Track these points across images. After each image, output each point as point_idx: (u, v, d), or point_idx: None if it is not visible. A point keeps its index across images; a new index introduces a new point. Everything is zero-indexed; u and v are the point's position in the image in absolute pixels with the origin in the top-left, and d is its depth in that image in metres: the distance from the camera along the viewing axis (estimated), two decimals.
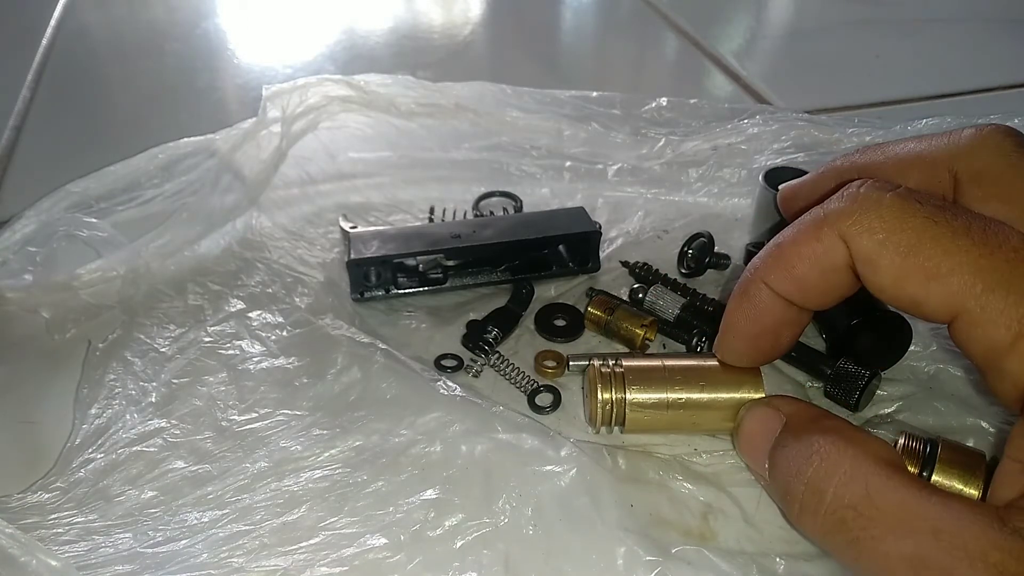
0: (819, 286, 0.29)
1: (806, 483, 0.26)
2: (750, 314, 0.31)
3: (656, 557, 0.30)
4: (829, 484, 0.25)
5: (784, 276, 0.29)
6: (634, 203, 0.51)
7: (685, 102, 0.58)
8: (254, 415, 0.37)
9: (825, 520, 0.25)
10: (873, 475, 0.25)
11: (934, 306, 0.25)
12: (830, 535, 0.25)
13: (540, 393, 0.38)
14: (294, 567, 0.30)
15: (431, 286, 0.44)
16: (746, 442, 0.32)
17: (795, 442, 0.28)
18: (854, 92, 0.66)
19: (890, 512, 0.24)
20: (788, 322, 0.31)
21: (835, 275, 0.28)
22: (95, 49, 0.78)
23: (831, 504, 0.25)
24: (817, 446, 0.26)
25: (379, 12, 0.85)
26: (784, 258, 0.29)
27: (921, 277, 0.25)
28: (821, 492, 0.25)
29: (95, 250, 0.46)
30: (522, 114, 0.56)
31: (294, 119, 0.53)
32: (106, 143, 0.59)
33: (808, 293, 0.29)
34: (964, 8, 0.82)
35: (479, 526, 0.31)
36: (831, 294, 0.29)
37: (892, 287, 0.26)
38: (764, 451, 0.30)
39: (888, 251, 0.26)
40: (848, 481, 0.25)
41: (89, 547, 0.31)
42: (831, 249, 0.27)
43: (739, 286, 0.31)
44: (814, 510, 0.26)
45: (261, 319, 0.42)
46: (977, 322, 0.24)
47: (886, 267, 0.26)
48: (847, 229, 0.27)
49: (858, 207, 0.26)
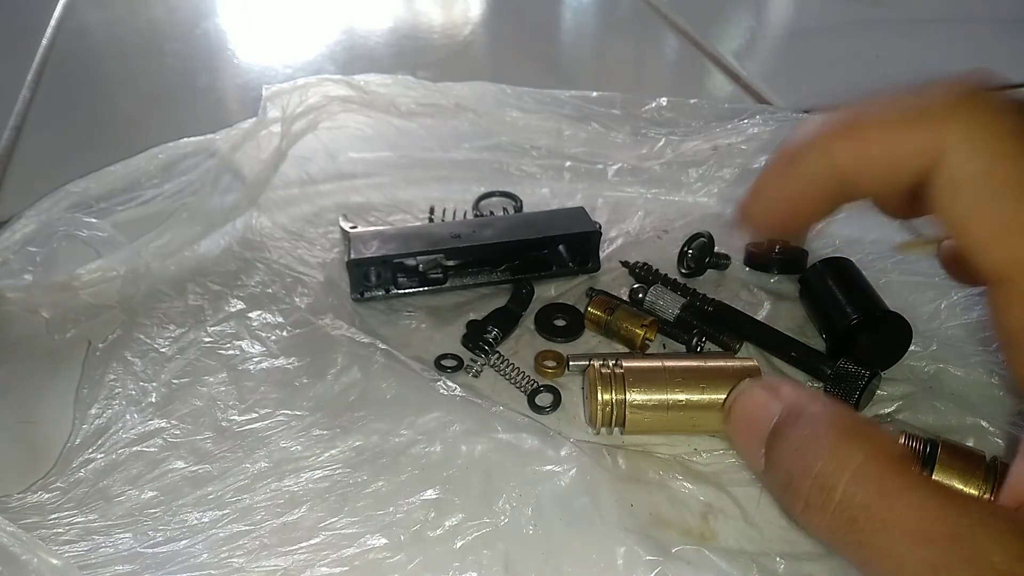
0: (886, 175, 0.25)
1: (813, 478, 0.24)
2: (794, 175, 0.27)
3: (656, 557, 0.30)
4: (839, 481, 0.24)
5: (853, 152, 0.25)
6: (634, 203, 0.51)
7: (685, 102, 0.58)
8: (254, 415, 0.37)
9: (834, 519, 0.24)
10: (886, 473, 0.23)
11: (992, 257, 0.23)
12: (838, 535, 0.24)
13: (540, 393, 0.38)
14: (294, 567, 0.30)
15: (431, 286, 0.44)
16: (739, 424, 0.29)
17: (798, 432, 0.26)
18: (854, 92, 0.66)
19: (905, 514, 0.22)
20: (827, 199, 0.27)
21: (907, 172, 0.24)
22: (95, 49, 0.78)
23: (841, 503, 0.24)
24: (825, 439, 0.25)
25: (379, 12, 0.85)
26: (864, 133, 0.25)
27: (996, 223, 0.22)
28: (830, 489, 0.24)
29: (95, 250, 0.46)
30: (522, 114, 0.56)
31: (294, 119, 0.53)
32: (106, 143, 0.59)
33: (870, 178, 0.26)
34: (964, 8, 0.82)
35: (479, 526, 0.31)
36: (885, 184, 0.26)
37: (962, 218, 0.23)
38: (759, 437, 0.28)
39: (981, 181, 0.23)
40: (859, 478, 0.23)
41: (89, 547, 0.31)
42: (921, 147, 0.24)
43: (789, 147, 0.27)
44: (821, 508, 0.24)
45: (261, 319, 0.42)
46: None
47: (972, 195, 0.23)
48: (949, 134, 0.23)
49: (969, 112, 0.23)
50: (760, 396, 0.29)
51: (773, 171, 0.28)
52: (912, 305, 0.42)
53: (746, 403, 0.29)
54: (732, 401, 0.30)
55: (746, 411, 0.29)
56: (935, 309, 0.42)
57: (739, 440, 0.29)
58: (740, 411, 0.29)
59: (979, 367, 0.38)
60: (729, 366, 0.34)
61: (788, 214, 0.28)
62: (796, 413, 0.27)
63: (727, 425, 0.30)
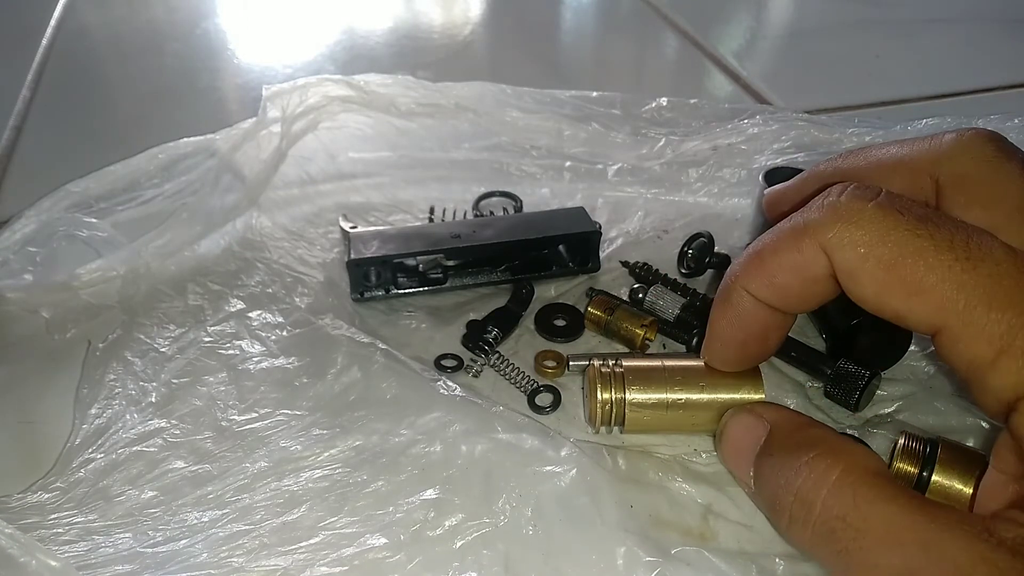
0: (801, 294, 0.28)
1: (795, 494, 0.26)
2: (734, 321, 0.31)
3: (656, 557, 0.30)
4: (817, 495, 0.25)
5: (765, 284, 0.29)
6: (634, 203, 0.51)
7: (685, 102, 0.58)
8: (254, 415, 0.37)
9: (815, 531, 0.25)
10: (860, 485, 0.25)
11: (917, 320, 0.25)
12: (819, 546, 0.25)
13: (540, 393, 0.38)
14: (294, 567, 0.30)
15: (431, 286, 0.44)
16: (730, 450, 0.32)
17: (781, 452, 0.28)
18: (854, 92, 0.66)
19: (878, 523, 0.24)
20: (773, 326, 0.31)
21: (817, 284, 0.28)
22: (95, 49, 0.78)
23: (820, 515, 0.25)
24: (805, 457, 0.26)
25: (379, 12, 0.85)
26: (764, 266, 0.29)
27: (903, 292, 0.25)
28: (810, 504, 0.25)
29: (95, 250, 0.46)
30: (522, 114, 0.56)
31: (294, 119, 0.53)
32: (106, 143, 0.59)
33: (790, 300, 0.29)
34: (964, 8, 0.82)
35: (479, 526, 0.31)
36: (814, 300, 0.29)
37: (874, 300, 0.26)
38: (749, 459, 0.30)
39: (869, 264, 0.25)
40: (836, 492, 0.25)
41: (89, 547, 0.31)
42: (812, 260, 0.27)
43: (720, 292, 0.31)
44: (803, 521, 0.26)
45: (261, 319, 0.42)
46: (959, 338, 0.24)
47: (868, 281, 0.25)
48: (828, 241, 0.26)
49: (839, 218, 0.26)
50: (746, 420, 0.31)
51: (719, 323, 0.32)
52: None
53: (734, 428, 0.32)
54: (722, 428, 0.32)
55: (735, 436, 0.31)
56: None
57: (731, 465, 0.32)
58: (729, 437, 0.32)
59: None
60: None
61: (751, 351, 0.32)
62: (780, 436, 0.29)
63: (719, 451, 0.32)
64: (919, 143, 0.30)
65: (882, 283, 0.25)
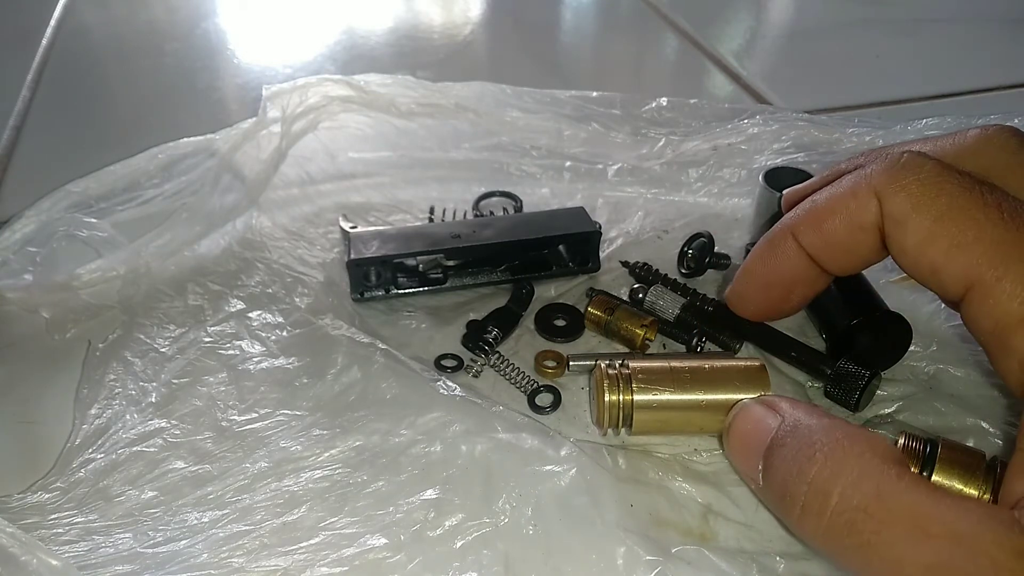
0: (844, 243, 0.28)
1: (809, 483, 0.25)
2: (770, 262, 0.31)
3: (656, 557, 0.30)
4: (835, 485, 0.24)
5: (813, 229, 0.29)
6: (634, 203, 0.51)
7: (685, 102, 0.58)
8: (254, 415, 0.37)
9: (831, 523, 0.24)
10: (883, 475, 0.23)
11: (951, 274, 0.25)
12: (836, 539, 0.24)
13: (540, 393, 0.38)
14: (294, 567, 0.30)
15: (431, 286, 0.44)
16: (738, 443, 0.31)
17: (794, 440, 0.27)
18: (854, 92, 0.66)
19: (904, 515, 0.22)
20: (803, 280, 0.31)
21: (862, 234, 0.28)
22: (95, 49, 0.78)
23: (838, 506, 0.24)
24: (820, 444, 0.25)
25: (379, 12, 0.85)
26: (816, 212, 0.29)
27: (945, 243, 0.25)
28: (826, 493, 0.24)
29: (95, 250, 0.46)
30: (522, 114, 0.55)
31: (294, 119, 0.53)
32: (106, 143, 0.59)
33: (833, 250, 0.29)
34: (964, 8, 0.82)
35: (479, 526, 0.31)
36: (852, 256, 0.29)
37: (915, 249, 0.26)
38: (758, 452, 0.28)
39: (919, 213, 0.26)
40: (857, 481, 0.24)
41: (89, 547, 0.31)
42: (864, 205, 0.27)
43: (766, 236, 0.31)
44: (818, 512, 0.24)
45: (261, 319, 0.42)
46: (990, 293, 0.24)
47: (914, 228, 0.26)
48: (884, 187, 0.27)
49: (898, 168, 0.27)
50: (758, 412, 0.30)
51: (755, 259, 0.31)
52: (912, 305, 0.42)
53: (744, 420, 0.31)
54: (731, 419, 0.31)
55: (744, 428, 0.30)
56: (935, 309, 0.42)
57: (737, 456, 0.31)
58: (738, 428, 0.31)
59: (979, 367, 0.38)
60: (735, 366, 0.34)
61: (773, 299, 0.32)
62: (793, 425, 0.28)
63: (726, 443, 0.32)
64: (943, 140, 0.31)
65: (927, 232, 0.25)
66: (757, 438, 0.29)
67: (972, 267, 0.24)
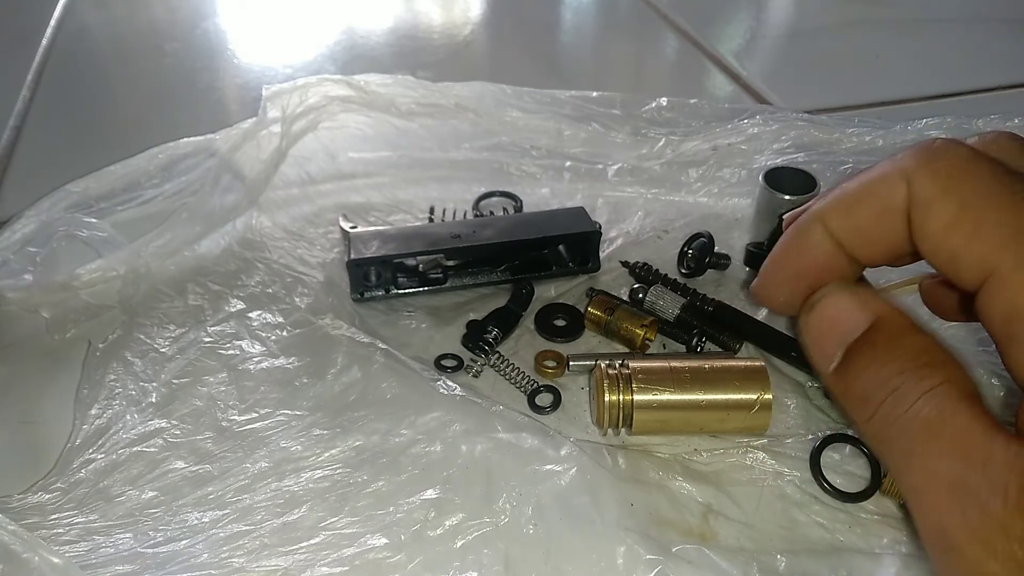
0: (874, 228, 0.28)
1: (892, 392, 0.26)
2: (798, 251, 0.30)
3: (656, 556, 0.30)
4: (913, 398, 0.25)
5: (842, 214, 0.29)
6: (634, 203, 0.51)
7: (685, 102, 0.58)
8: (254, 415, 0.37)
9: (892, 430, 0.25)
10: (952, 399, 0.25)
11: (970, 260, 0.25)
12: (890, 442, 0.26)
13: (540, 393, 0.38)
14: (294, 567, 0.30)
15: (431, 286, 0.44)
16: (820, 325, 0.30)
17: (886, 348, 0.27)
18: (854, 92, 0.66)
19: (954, 434, 0.24)
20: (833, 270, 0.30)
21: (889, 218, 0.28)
22: (95, 49, 0.78)
23: (908, 414, 0.25)
24: (911, 362, 0.26)
25: (379, 12, 0.85)
26: (846, 196, 0.29)
27: (968, 228, 0.25)
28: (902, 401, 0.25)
29: (95, 250, 0.46)
30: (522, 114, 0.56)
31: (294, 119, 0.53)
32: (106, 143, 0.59)
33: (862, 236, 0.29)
34: (964, 8, 0.82)
35: (479, 525, 0.31)
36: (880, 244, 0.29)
37: (937, 235, 0.26)
38: (839, 342, 0.29)
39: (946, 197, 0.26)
40: (930, 398, 0.25)
41: (90, 547, 0.31)
42: (892, 188, 0.27)
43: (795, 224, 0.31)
44: (889, 419, 0.26)
45: (261, 319, 0.42)
46: (1006, 283, 0.24)
47: (939, 212, 0.26)
48: (914, 171, 0.27)
49: (930, 153, 0.27)
50: (848, 303, 0.29)
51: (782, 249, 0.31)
52: (912, 305, 0.42)
53: (832, 306, 0.30)
54: (816, 300, 0.30)
55: (830, 313, 0.29)
56: None
57: (814, 340, 0.30)
58: (823, 312, 0.30)
59: (979, 367, 0.38)
60: (735, 366, 0.34)
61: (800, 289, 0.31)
62: (886, 328, 0.28)
63: (802, 322, 0.31)
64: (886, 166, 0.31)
65: (952, 217, 0.25)
66: (842, 328, 0.29)
67: (991, 255, 0.24)
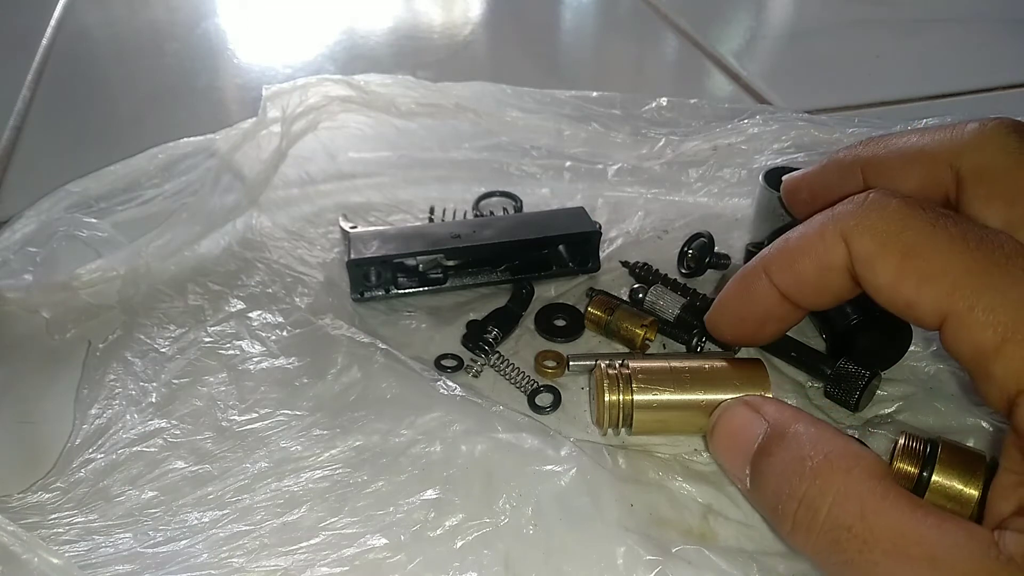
0: (814, 284, 0.29)
1: (800, 499, 0.25)
2: (743, 296, 0.32)
3: (656, 556, 0.30)
4: (824, 502, 0.25)
5: (783, 268, 0.30)
6: (634, 203, 0.51)
7: (685, 102, 0.58)
8: (254, 415, 0.37)
9: (819, 539, 0.25)
10: (868, 493, 0.24)
11: (926, 307, 0.25)
12: (824, 554, 0.25)
13: (540, 393, 0.38)
14: (294, 567, 0.30)
15: (431, 286, 0.44)
16: (724, 443, 0.31)
17: (783, 452, 0.27)
18: (854, 92, 0.66)
19: (886, 535, 0.23)
20: (775, 316, 0.31)
21: (831, 275, 0.28)
22: (95, 49, 0.78)
23: (825, 523, 0.25)
24: (810, 461, 0.26)
25: (379, 12, 0.85)
26: (788, 252, 0.29)
27: (915, 278, 0.25)
28: (816, 510, 0.25)
29: (95, 250, 0.46)
30: (522, 114, 0.56)
31: (294, 119, 0.53)
32: (106, 143, 0.59)
33: (803, 290, 0.30)
34: (964, 8, 0.82)
35: (479, 526, 0.31)
36: (824, 295, 0.29)
37: (888, 288, 0.26)
38: (744, 455, 0.29)
39: (887, 251, 0.26)
40: (843, 500, 0.24)
41: (89, 547, 0.31)
42: (831, 248, 0.28)
43: (742, 270, 0.32)
44: (807, 528, 0.25)
45: (261, 319, 0.42)
46: (965, 324, 0.24)
47: (883, 268, 0.26)
48: (850, 229, 0.27)
49: (863, 209, 0.27)
50: (744, 415, 0.30)
51: (730, 294, 0.33)
52: None
53: (730, 422, 0.31)
54: (715, 419, 0.32)
55: (730, 430, 0.31)
56: None
57: (723, 458, 0.31)
58: (724, 429, 0.31)
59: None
60: (735, 367, 0.34)
61: (746, 331, 0.33)
62: (780, 433, 0.28)
63: (710, 443, 0.32)
64: (940, 132, 0.30)
65: (897, 270, 0.26)
66: (743, 442, 0.29)
67: (943, 299, 0.25)
